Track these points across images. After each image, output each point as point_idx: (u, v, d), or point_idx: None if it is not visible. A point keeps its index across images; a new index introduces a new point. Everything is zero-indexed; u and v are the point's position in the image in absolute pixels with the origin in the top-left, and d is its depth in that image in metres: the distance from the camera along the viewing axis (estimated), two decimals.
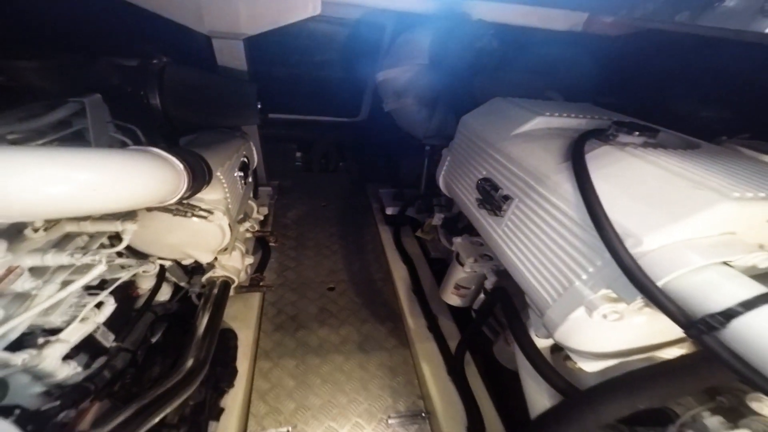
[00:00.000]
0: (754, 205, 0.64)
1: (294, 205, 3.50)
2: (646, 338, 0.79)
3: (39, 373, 0.98)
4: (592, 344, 0.81)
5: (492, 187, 1.16)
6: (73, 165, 0.71)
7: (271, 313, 2.27)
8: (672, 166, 0.77)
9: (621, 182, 0.79)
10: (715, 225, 0.64)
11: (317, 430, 1.65)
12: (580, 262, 0.80)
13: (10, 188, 0.64)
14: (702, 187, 0.68)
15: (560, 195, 0.88)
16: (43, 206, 0.69)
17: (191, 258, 1.50)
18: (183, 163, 0.96)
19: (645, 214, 0.70)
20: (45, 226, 1.01)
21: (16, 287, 0.92)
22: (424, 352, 1.95)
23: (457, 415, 1.63)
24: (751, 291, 0.55)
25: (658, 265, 0.63)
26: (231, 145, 1.77)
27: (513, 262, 1.07)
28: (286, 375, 1.89)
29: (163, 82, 1.58)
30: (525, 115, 1.19)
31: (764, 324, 0.52)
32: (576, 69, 2.05)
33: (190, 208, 1.19)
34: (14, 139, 1.15)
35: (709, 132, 1.28)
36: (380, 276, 2.68)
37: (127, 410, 0.98)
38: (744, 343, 0.53)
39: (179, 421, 1.42)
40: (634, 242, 0.67)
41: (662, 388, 0.68)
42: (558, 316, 0.85)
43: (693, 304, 0.59)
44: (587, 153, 0.92)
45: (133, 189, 0.80)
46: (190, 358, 1.29)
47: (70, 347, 1.04)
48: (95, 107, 1.39)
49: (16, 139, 1.15)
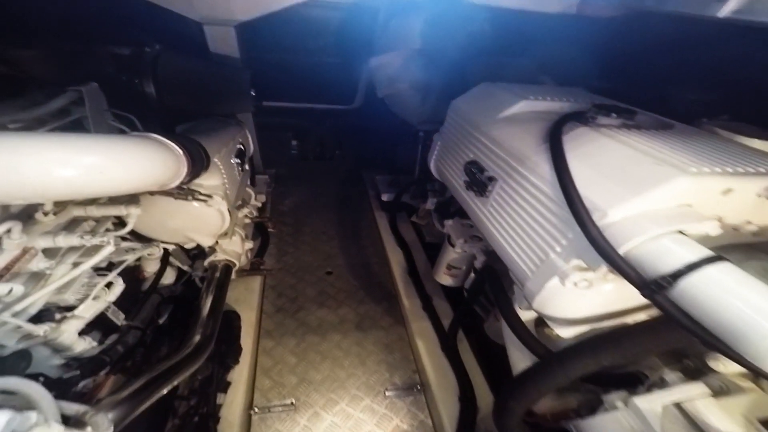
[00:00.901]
0: (710, 179, 0.70)
1: (291, 192, 3.55)
2: (615, 304, 0.86)
3: (58, 347, 1.06)
4: (566, 311, 0.88)
5: (478, 169, 1.22)
6: (80, 149, 0.76)
7: (272, 295, 2.36)
8: (640, 145, 0.83)
9: (593, 161, 0.85)
10: (673, 197, 0.71)
11: (319, 402, 1.76)
12: (555, 236, 0.87)
13: (23, 170, 0.70)
14: (663, 164, 0.74)
15: (538, 174, 0.94)
16: (54, 188, 0.75)
17: (193, 242, 1.57)
18: (182, 149, 1.01)
19: (611, 189, 0.76)
20: (54, 210, 1.07)
21: (31, 267, 0.98)
22: (419, 330, 2.04)
23: (449, 386, 1.73)
24: (698, 254, 0.61)
25: (619, 235, 0.69)
26: (227, 132, 1.81)
27: (497, 239, 1.13)
28: (287, 352, 1.99)
29: (157, 70, 1.59)
30: (510, 98, 1.23)
31: (706, 282, 0.58)
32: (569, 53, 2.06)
33: (190, 192, 1.24)
34: (17, 128, 1.19)
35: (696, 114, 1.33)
36: (376, 260, 2.76)
37: (140, 379, 1.07)
38: (689, 300, 0.60)
39: (190, 393, 1.52)
40: (600, 215, 0.74)
41: (624, 348, 0.76)
42: (535, 286, 0.92)
43: (648, 267, 0.65)
44: (566, 134, 0.97)
45: (136, 172, 0.86)
46: (197, 334, 1.37)
47: (85, 323, 1.12)
48: (93, 96, 1.42)
49: (18, 128, 1.19)
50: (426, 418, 1.72)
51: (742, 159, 0.78)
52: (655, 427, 0.77)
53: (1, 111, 1.14)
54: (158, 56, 1.59)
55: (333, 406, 1.74)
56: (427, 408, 1.76)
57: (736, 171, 0.72)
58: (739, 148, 0.89)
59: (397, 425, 1.68)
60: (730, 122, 1.26)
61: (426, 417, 1.72)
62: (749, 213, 0.78)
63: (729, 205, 0.74)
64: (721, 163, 0.74)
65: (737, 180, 0.71)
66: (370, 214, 3.24)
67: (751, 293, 0.55)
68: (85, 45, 1.58)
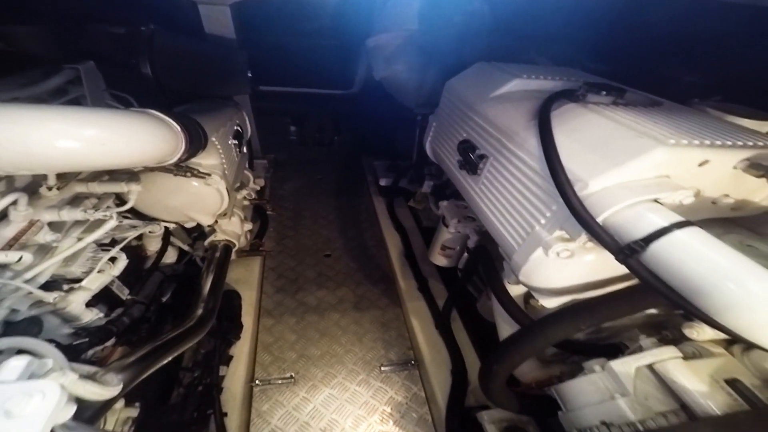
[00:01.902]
0: (686, 151, 0.73)
1: (290, 177, 3.58)
2: (597, 274, 0.90)
3: (67, 316, 1.11)
4: (550, 281, 0.92)
5: (470, 148, 1.24)
6: (82, 121, 0.79)
7: (272, 277, 2.42)
8: (624, 120, 0.85)
9: (578, 135, 0.87)
10: (651, 168, 0.73)
11: (317, 375, 1.83)
12: (540, 209, 0.90)
13: (28, 141, 0.73)
14: (644, 136, 0.76)
15: (526, 149, 0.97)
16: (56, 158, 0.78)
17: (193, 221, 1.61)
18: (180, 126, 1.04)
19: (593, 161, 0.78)
20: (58, 185, 1.10)
21: (38, 239, 1.03)
22: (415, 310, 2.10)
23: (442, 362, 1.79)
24: (669, 220, 0.65)
25: (598, 204, 0.73)
26: (224, 113, 1.83)
27: (488, 216, 1.17)
28: (287, 330, 2.06)
29: (153, 50, 1.59)
30: (503, 77, 1.24)
31: (674, 245, 0.62)
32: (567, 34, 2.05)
33: (189, 170, 1.27)
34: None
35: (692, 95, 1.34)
36: (374, 243, 2.81)
37: (146, 347, 1.13)
38: (659, 263, 0.63)
39: (194, 365, 1.59)
40: (581, 186, 0.77)
41: (600, 312, 0.80)
42: (521, 258, 0.96)
43: (624, 234, 0.69)
44: (555, 111, 0.99)
45: (135, 146, 0.89)
46: (199, 308, 1.42)
47: (91, 295, 1.17)
48: (90, 74, 1.42)
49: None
50: (419, 391, 1.79)
51: (721, 133, 0.80)
52: (627, 386, 0.82)
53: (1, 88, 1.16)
54: (152, 35, 1.58)
55: (331, 379, 1.82)
56: (421, 381, 1.83)
57: (713, 143, 0.75)
58: (721, 124, 0.91)
59: (392, 397, 1.76)
60: (721, 103, 1.28)
61: (419, 390, 1.80)
62: (726, 186, 0.80)
63: (706, 177, 0.77)
64: (700, 136, 0.76)
65: (713, 152, 0.74)
66: (369, 199, 3.27)
67: (713, 254, 0.58)
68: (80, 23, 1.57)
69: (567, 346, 1.17)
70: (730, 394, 0.75)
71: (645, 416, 0.77)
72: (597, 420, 0.83)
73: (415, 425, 1.66)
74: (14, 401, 0.43)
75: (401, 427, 1.65)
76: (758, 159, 0.73)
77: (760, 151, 0.75)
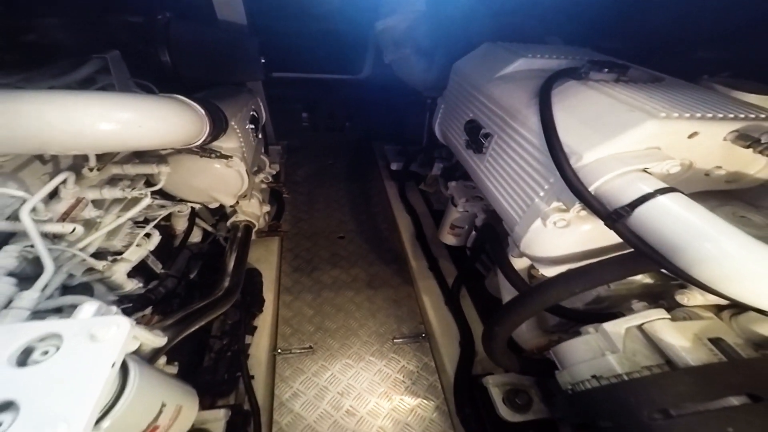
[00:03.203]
0: (676, 123, 0.76)
1: (303, 163, 3.68)
2: (591, 243, 0.96)
3: (112, 285, 1.25)
4: (548, 250, 0.99)
5: (476, 127, 1.29)
6: (122, 106, 0.89)
7: (289, 257, 2.55)
8: (621, 95, 0.88)
9: (576, 111, 0.91)
10: (642, 140, 0.77)
11: (334, 346, 1.97)
12: (539, 182, 0.95)
13: (78, 124, 0.83)
14: (637, 110, 0.80)
15: (528, 127, 1.01)
16: (102, 140, 0.88)
17: (216, 201, 1.73)
18: (204, 109, 1.13)
19: (588, 135, 0.83)
20: (97, 167, 1.23)
21: (84, 215, 1.16)
22: (425, 288, 2.19)
23: (451, 335, 1.89)
24: (654, 186, 0.70)
25: (591, 174, 0.78)
26: (240, 99, 1.91)
27: (492, 192, 1.23)
28: (305, 305, 2.20)
29: (170, 38, 1.64)
30: (508, 57, 1.27)
31: (657, 209, 0.67)
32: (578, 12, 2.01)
33: (213, 152, 1.37)
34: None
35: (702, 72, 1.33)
36: (386, 226, 2.90)
37: (182, 312, 1.27)
38: (643, 226, 0.69)
39: (222, 334, 1.74)
40: (576, 158, 0.82)
41: (592, 277, 0.87)
42: (522, 230, 1.02)
43: (613, 201, 0.74)
44: (557, 89, 1.02)
45: (167, 128, 0.98)
46: (226, 281, 1.56)
47: (131, 266, 1.31)
48: (116, 63, 1.51)
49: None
50: (429, 361, 1.91)
51: (715, 106, 0.82)
52: (617, 344, 0.88)
53: (33, 79, 1.26)
54: (169, 24, 1.64)
55: (347, 350, 1.95)
56: (431, 352, 1.94)
57: (704, 116, 0.78)
58: (718, 98, 0.92)
59: (404, 366, 1.88)
60: (729, 78, 1.27)
61: (429, 360, 1.91)
62: (718, 158, 0.84)
63: (697, 149, 0.80)
64: (692, 109, 0.79)
65: (702, 124, 0.77)
66: (380, 182, 3.34)
67: (690, 216, 0.63)
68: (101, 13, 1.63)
69: (569, 315, 1.24)
70: (711, 350, 0.81)
71: (631, 369, 0.84)
72: (588, 374, 0.90)
73: (425, 391, 1.77)
74: (96, 329, 0.54)
75: (413, 392, 1.77)
76: (747, 130, 0.76)
77: (749, 123, 0.78)
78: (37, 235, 0.86)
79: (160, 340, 0.86)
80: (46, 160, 1.19)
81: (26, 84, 1.18)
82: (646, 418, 0.73)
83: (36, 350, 0.54)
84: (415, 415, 1.67)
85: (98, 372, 0.50)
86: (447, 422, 1.65)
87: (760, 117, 0.80)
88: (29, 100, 0.80)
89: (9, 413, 0.46)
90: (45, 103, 0.80)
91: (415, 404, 1.72)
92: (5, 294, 0.75)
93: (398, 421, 1.65)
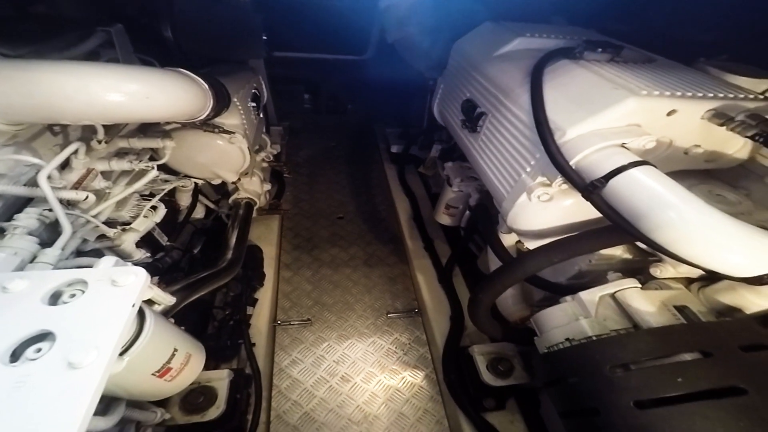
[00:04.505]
0: (655, 101, 0.80)
1: (305, 145, 3.71)
2: (573, 217, 1.02)
3: (121, 253, 1.33)
4: (532, 223, 1.04)
5: (472, 107, 1.33)
6: (130, 78, 0.93)
7: (290, 235, 2.62)
8: (608, 74, 0.92)
9: (565, 89, 0.95)
10: (622, 117, 0.82)
11: (330, 319, 2.06)
12: (527, 158, 1.00)
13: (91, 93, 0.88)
14: (619, 88, 0.84)
15: (519, 105, 1.05)
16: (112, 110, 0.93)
17: (219, 178, 1.78)
18: (208, 84, 1.17)
19: (573, 111, 0.87)
20: (105, 140, 1.28)
21: (95, 185, 1.22)
22: (420, 266, 2.27)
23: (443, 310, 1.98)
24: (628, 159, 0.75)
25: (573, 149, 0.82)
26: (242, 77, 1.93)
27: (485, 170, 1.27)
28: (304, 281, 2.28)
29: (173, 14, 1.65)
30: (507, 36, 1.29)
31: (629, 180, 0.72)
32: None
33: (215, 127, 1.42)
34: None
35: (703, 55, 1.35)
36: (384, 208, 2.96)
37: (188, 279, 1.35)
38: (615, 196, 0.74)
39: (225, 305, 1.83)
40: (560, 134, 0.86)
41: (569, 248, 0.93)
42: (509, 204, 1.08)
43: (591, 174, 0.79)
44: (550, 67, 1.06)
45: (173, 100, 1.03)
46: (228, 254, 1.64)
47: (139, 236, 1.38)
48: (120, 36, 1.53)
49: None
50: (421, 334, 2.00)
51: (696, 86, 0.86)
52: (590, 310, 0.96)
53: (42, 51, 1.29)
54: None
55: (343, 322, 2.05)
56: (423, 327, 2.04)
57: (683, 94, 0.82)
58: (704, 79, 0.96)
59: (397, 338, 1.98)
60: (725, 62, 1.29)
61: (421, 333, 2.01)
62: (697, 137, 0.88)
63: (676, 127, 0.85)
64: (672, 88, 0.83)
65: (681, 102, 0.81)
66: (380, 165, 3.38)
67: (658, 186, 0.69)
68: None
69: (552, 288, 1.31)
70: (674, 315, 0.88)
71: (600, 332, 0.91)
72: (562, 338, 0.98)
73: (416, 361, 1.88)
74: (117, 275, 0.61)
75: (404, 362, 1.87)
76: (723, 109, 0.80)
77: (727, 102, 0.82)
78: (54, 198, 0.92)
79: (170, 299, 0.94)
80: (56, 132, 1.24)
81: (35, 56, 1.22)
82: (607, 371, 0.80)
83: (64, 293, 0.61)
84: (405, 382, 1.78)
85: (120, 310, 0.57)
86: (435, 389, 1.76)
87: (739, 97, 0.84)
88: (46, 69, 0.85)
89: (47, 342, 0.53)
90: (61, 73, 0.85)
91: (406, 372, 1.82)
92: (30, 250, 0.82)
93: (389, 387, 1.76)
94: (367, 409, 1.67)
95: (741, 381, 0.74)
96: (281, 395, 1.71)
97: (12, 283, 0.59)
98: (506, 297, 1.52)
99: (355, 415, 1.65)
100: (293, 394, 1.71)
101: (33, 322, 0.55)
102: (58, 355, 0.51)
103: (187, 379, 0.94)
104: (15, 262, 0.76)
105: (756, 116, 0.76)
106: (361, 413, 1.66)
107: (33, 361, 0.51)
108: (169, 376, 0.80)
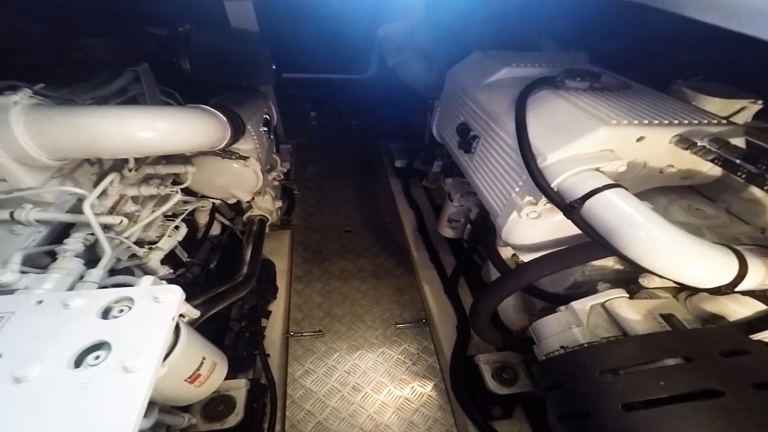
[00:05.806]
0: (624, 129, 0.89)
1: (312, 161, 3.86)
2: (560, 232, 1.10)
3: (148, 270, 1.45)
4: (524, 238, 1.13)
5: (466, 130, 1.43)
6: (160, 118, 1.07)
7: (300, 249, 2.74)
8: (583, 104, 1.01)
9: (545, 118, 1.04)
10: (596, 143, 0.91)
11: (341, 330, 2.15)
12: (515, 179, 1.09)
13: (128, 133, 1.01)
14: (592, 117, 0.93)
15: (506, 130, 1.15)
16: (146, 146, 1.07)
17: (234, 197, 1.92)
18: (226, 117, 1.31)
19: (552, 139, 0.96)
20: (135, 167, 1.42)
21: (126, 209, 1.35)
22: (426, 277, 2.35)
23: (449, 321, 2.04)
24: (602, 182, 0.83)
25: (553, 173, 0.91)
26: (254, 104, 2.09)
27: (480, 188, 1.37)
28: (315, 293, 2.38)
29: (190, 48, 1.81)
30: (494, 66, 1.40)
31: (603, 202, 0.81)
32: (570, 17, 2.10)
33: (233, 153, 1.55)
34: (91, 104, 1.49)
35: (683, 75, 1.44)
36: (390, 220, 3.06)
37: (206, 294, 1.46)
38: (592, 215, 0.83)
39: (241, 317, 1.94)
40: (542, 159, 0.96)
41: (560, 261, 1.01)
42: (503, 221, 1.17)
43: (570, 195, 0.88)
44: (532, 97, 1.16)
45: (197, 135, 1.16)
46: (244, 269, 1.75)
47: (164, 254, 1.50)
48: (146, 74, 1.70)
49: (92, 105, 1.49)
50: (429, 344, 2.07)
51: (665, 113, 0.95)
52: (582, 319, 1.03)
53: (78, 91, 1.44)
54: (189, 35, 1.82)
55: (353, 333, 2.13)
56: (431, 336, 2.10)
57: (650, 122, 0.91)
58: (674, 105, 1.04)
59: (405, 348, 2.05)
60: (700, 82, 1.38)
61: (429, 343, 2.08)
62: (668, 158, 0.96)
63: (647, 151, 0.93)
64: (640, 116, 0.92)
65: (647, 129, 0.90)
66: (385, 179, 3.50)
67: (627, 207, 0.77)
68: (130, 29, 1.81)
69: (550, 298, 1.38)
70: (660, 323, 0.95)
71: (592, 339, 0.98)
72: (558, 345, 1.05)
73: (424, 370, 1.94)
74: (158, 293, 0.72)
75: (413, 372, 1.94)
76: (688, 135, 0.88)
77: (692, 128, 0.90)
78: (98, 224, 1.05)
79: (195, 312, 1.04)
80: (92, 163, 1.38)
81: (72, 96, 1.37)
82: (597, 376, 0.87)
83: (113, 308, 0.72)
84: (414, 391, 1.84)
85: (163, 323, 0.67)
86: (444, 398, 1.81)
87: (703, 123, 0.92)
88: (90, 114, 0.99)
89: (103, 350, 0.64)
90: (103, 117, 0.99)
91: (415, 382, 1.88)
92: (78, 271, 0.94)
93: (399, 397, 1.82)
94: (379, 419, 1.73)
95: (719, 384, 0.80)
96: (295, 405, 1.78)
97: (72, 300, 0.71)
98: (508, 307, 1.59)
99: (367, 425, 1.71)
100: (306, 403, 1.79)
101: (91, 333, 0.66)
102: (114, 361, 0.61)
103: (213, 384, 1.03)
104: (68, 282, 0.88)
105: (718, 140, 0.85)
106: (372, 422, 1.72)
107: (93, 366, 0.62)
108: (198, 382, 0.90)
